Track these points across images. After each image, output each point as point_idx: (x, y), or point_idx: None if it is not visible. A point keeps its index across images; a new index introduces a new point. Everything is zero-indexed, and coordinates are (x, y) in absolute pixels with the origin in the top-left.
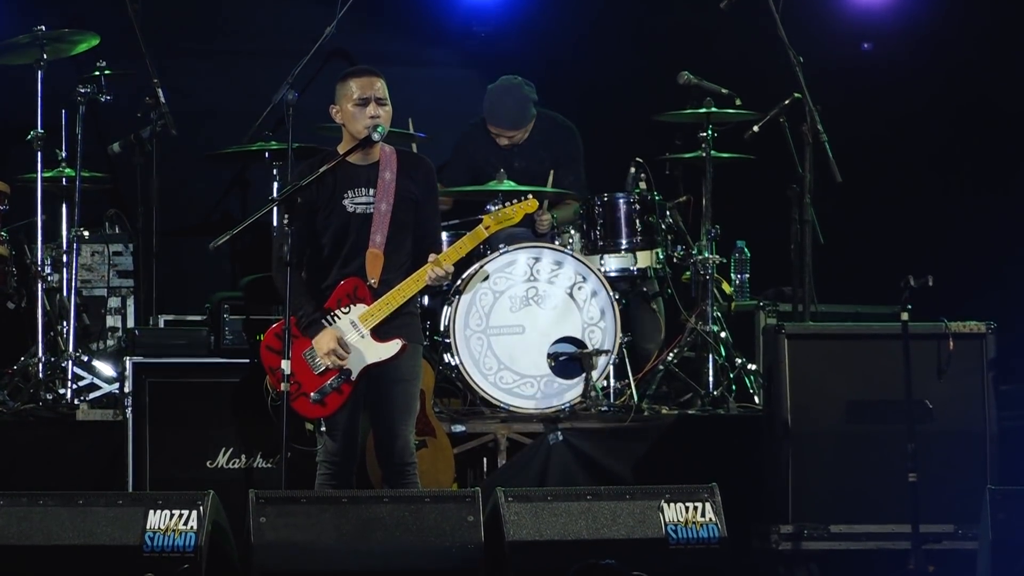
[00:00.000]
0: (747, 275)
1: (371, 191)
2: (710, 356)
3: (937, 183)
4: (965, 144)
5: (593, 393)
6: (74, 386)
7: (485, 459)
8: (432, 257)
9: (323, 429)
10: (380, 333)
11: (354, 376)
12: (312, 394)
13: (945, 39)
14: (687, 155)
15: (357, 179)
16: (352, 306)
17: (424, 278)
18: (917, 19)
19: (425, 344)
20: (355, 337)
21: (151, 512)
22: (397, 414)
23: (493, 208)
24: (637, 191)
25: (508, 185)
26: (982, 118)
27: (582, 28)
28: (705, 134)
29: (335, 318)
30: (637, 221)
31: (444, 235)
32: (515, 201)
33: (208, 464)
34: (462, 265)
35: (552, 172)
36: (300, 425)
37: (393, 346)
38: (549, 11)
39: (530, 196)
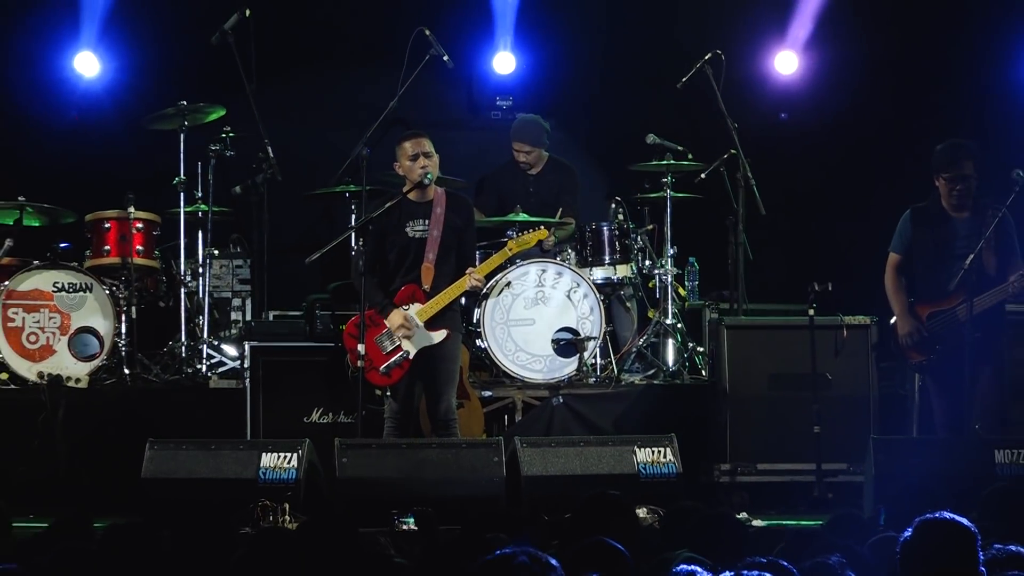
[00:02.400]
0: (696, 282)
1: (426, 221)
2: (670, 341)
3: (834, 213)
4: (854, 184)
5: (585, 368)
6: (207, 363)
7: (506, 416)
8: (470, 270)
9: (388, 394)
10: (431, 324)
11: (411, 356)
12: (380, 368)
13: (840, 107)
14: (653, 195)
15: (416, 212)
16: (410, 305)
17: (464, 285)
18: (820, 95)
19: (463, 332)
20: (413, 326)
21: (263, 454)
22: (442, 384)
23: (515, 235)
24: (617, 221)
25: (522, 217)
26: (866, 165)
27: (578, 103)
28: (666, 180)
29: (400, 311)
30: (616, 243)
31: (477, 253)
32: (531, 230)
33: (305, 419)
34: (489, 276)
35: (558, 202)
36: (372, 391)
37: (440, 334)
38: (552, 91)
39: (542, 227)
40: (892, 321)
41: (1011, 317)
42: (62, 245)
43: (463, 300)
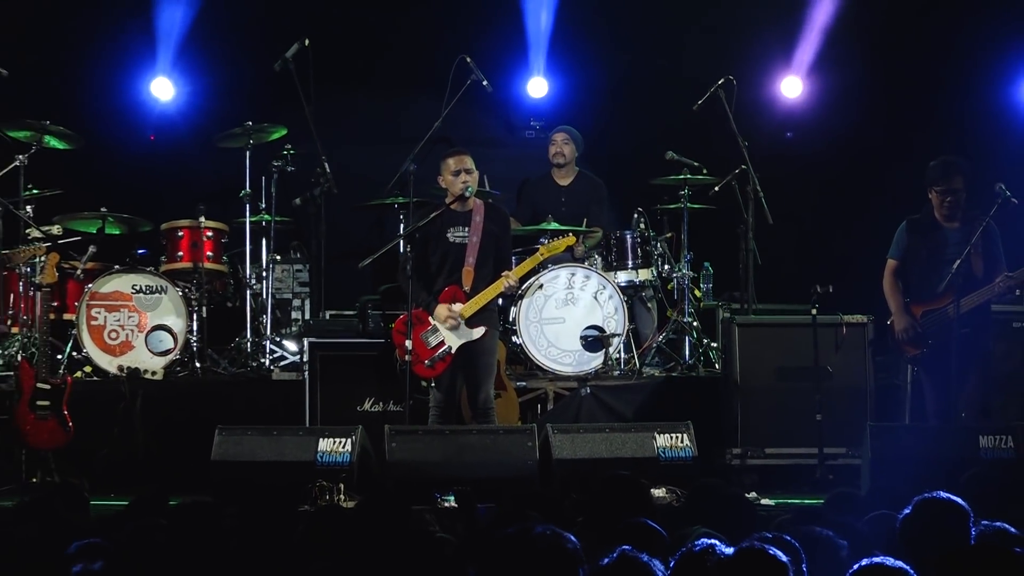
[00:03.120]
0: (710, 284)
1: (466, 228)
2: (687, 338)
3: (835, 222)
4: (853, 196)
5: (610, 362)
6: (270, 357)
7: (539, 405)
8: (505, 273)
9: (433, 385)
10: (471, 322)
11: (453, 351)
12: (425, 362)
13: (840, 127)
14: (671, 206)
15: (457, 220)
16: (453, 304)
17: (501, 287)
18: (822, 117)
19: (500, 329)
20: (455, 324)
21: (321, 439)
22: (481, 376)
23: (546, 241)
24: (639, 229)
25: (553, 225)
26: (863, 179)
27: (604, 123)
28: (683, 192)
29: (443, 309)
30: (638, 249)
31: (513, 258)
32: (560, 237)
33: (358, 408)
34: (523, 279)
35: (587, 213)
36: (418, 383)
37: (479, 331)
38: (581, 113)
39: (570, 234)
40: (889, 319)
41: (996, 316)
42: (140, 251)
43: (500, 300)
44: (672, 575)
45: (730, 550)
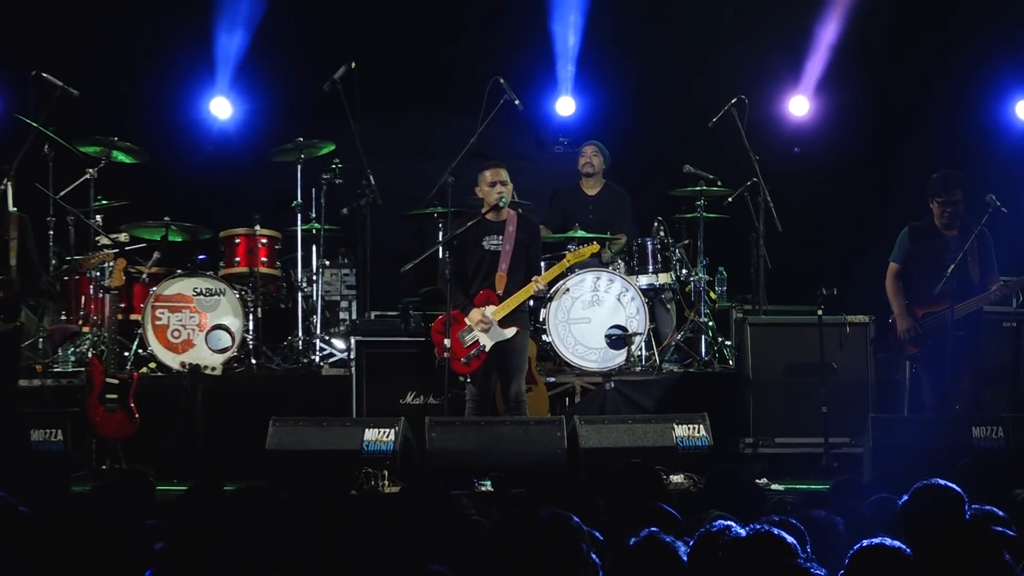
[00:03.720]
0: (725, 288)
1: (500, 238)
2: (703, 336)
3: (839, 229)
4: (856, 206)
5: (632, 359)
6: (320, 354)
7: (567, 398)
8: (535, 278)
9: (469, 381)
10: (503, 323)
11: (487, 349)
12: (462, 360)
13: (844, 143)
14: (689, 215)
15: (491, 229)
16: (487, 306)
17: (531, 290)
18: (827, 133)
19: (531, 329)
20: (487, 326)
21: (366, 430)
22: (513, 372)
23: (573, 248)
24: (659, 237)
25: (580, 233)
26: (865, 190)
27: (627, 139)
28: (699, 203)
29: (478, 311)
30: (658, 255)
31: (543, 263)
32: (585, 245)
33: (400, 401)
34: (551, 283)
35: (613, 221)
36: (456, 378)
37: (511, 331)
38: (606, 129)
39: (594, 242)
40: (891, 319)
41: (987, 317)
42: (200, 257)
43: (531, 303)
44: (691, 552)
45: (743, 531)
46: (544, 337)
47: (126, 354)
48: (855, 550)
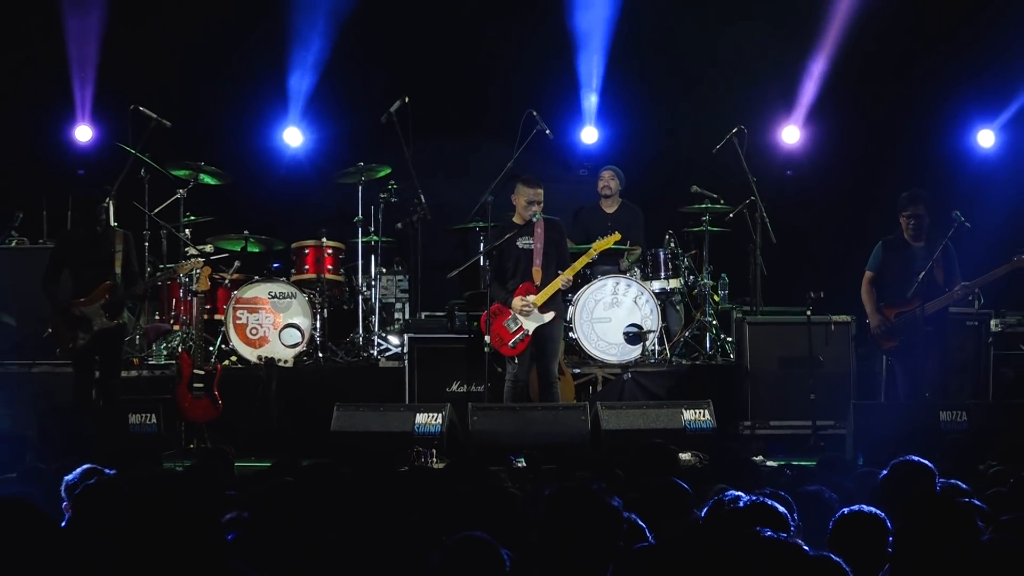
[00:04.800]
0: (726, 291)
1: (531, 238)
2: (708, 334)
3: (825, 241)
4: (840, 221)
5: (646, 353)
6: (377, 349)
7: (590, 387)
8: (561, 272)
9: (516, 361)
10: (543, 308)
11: (530, 333)
12: (508, 343)
13: (829, 167)
14: (695, 229)
15: (524, 232)
16: (527, 296)
17: (560, 283)
18: (815, 158)
19: (565, 317)
20: (531, 309)
21: (417, 414)
22: (549, 356)
23: (600, 239)
24: (669, 247)
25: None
26: (848, 207)
27: (643, 162)
28: (705, 218)
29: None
30: (669, 263)
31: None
32: (607, 236)
33: (447, 389)
34: (577, 275)
35: (629, 236)
36: (493, 367)
37: (550, 315)
38: (625, 154)
39: (616, 233)
40: (867, 319)
41: (953, 315)
42: (275, 265)
43: (568, 293)
44: (706, 516)
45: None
46: (571, 334)
47: (211, 349)
48: (838, 516)
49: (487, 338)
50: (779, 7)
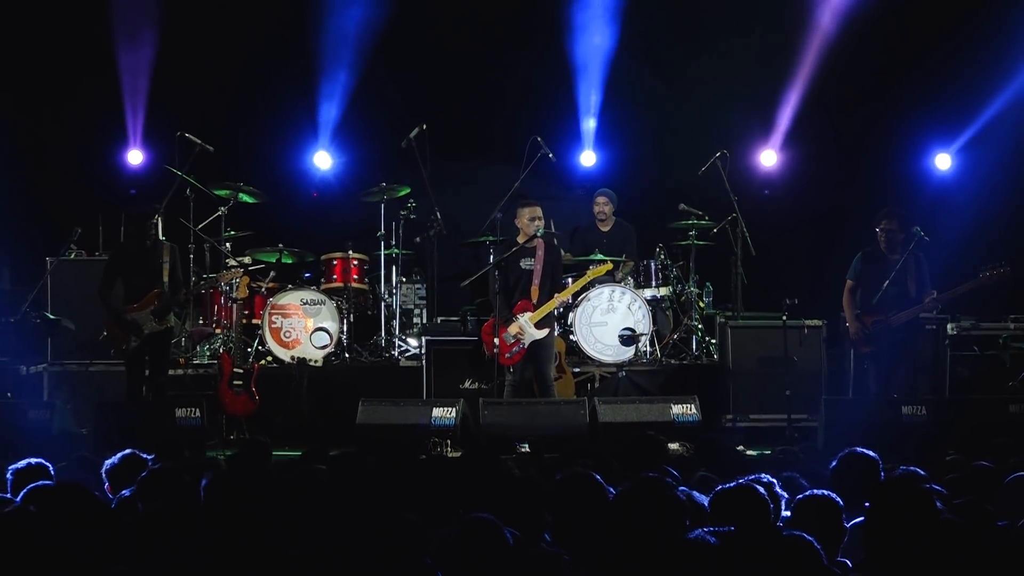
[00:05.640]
0: (711, 299)
1: (533, 260)
2: (694, 336)
3: (800, 253)
4: (813, 235)
5: (639, 353)
6: (398, 350)
7: (589, 384)
8: (557, 295)
9: (512, 370)
10: (537, 325)
11: (525, 345)
12: (507, 355)
13: (804, 186)
14: (683, 242)
15: (527, 254)
16: (524, 313)
17: (556, 302)
18: (790, 179)
19: (558, 331)
20: (528, 326)
21: (434, 408)
22: (544, 363)
23: (593, 267)
24: (660, 259)
25: (598, 256)
26: (821, 223)
27: (636, 183)
28: (691, 233)
29: (517, 318)
30: (659, 273)
31: (570, 279)
32: (599, 266)
33: (460, 386)
34: (576, 294)
35: (622, 251)
36: (502, 369)
37: (543, 332)
38: (620, 175)
39: (608, 262)
40: (846, 325)
41: (922, 322)
42: (306, 275)
43: (561, 309)
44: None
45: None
46: (571, 337)
47: (249, 350)
48: (797, 500)
49: (494, 347)
50: (758, 44)
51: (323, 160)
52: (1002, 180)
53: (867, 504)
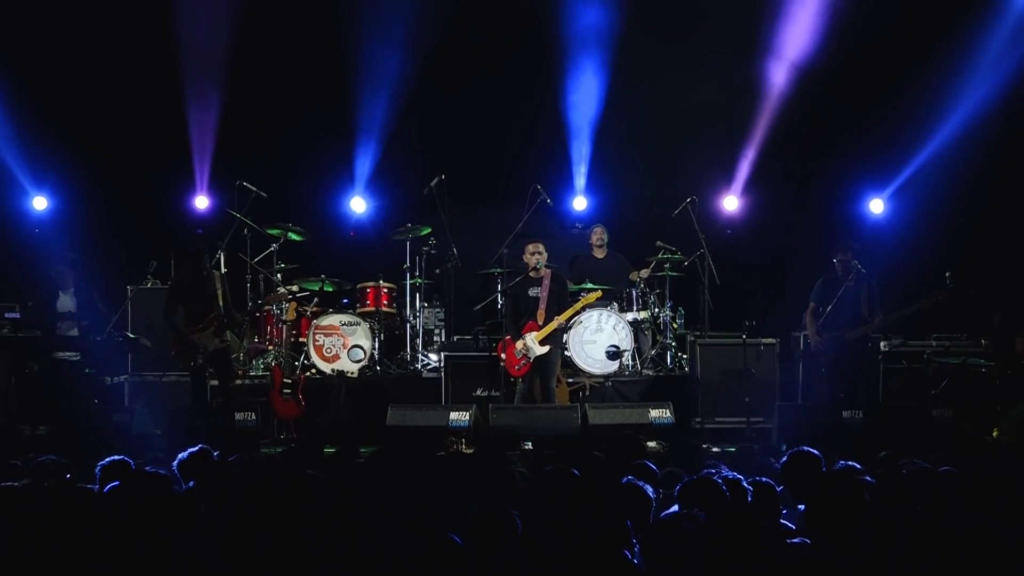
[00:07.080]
0: (683, 321)
1: (539, 288)
2: (668, 352)
3: (759, 284)
4: (767, 269)
5: (622, 367)
6: (421, 364)
7: (580, 392)
8: (556, 318)
9: (521, 380)
10: (542, 343)
11: (531, 359)
12: (516, 367)
13: (761, 227)
14: (659, 273)
15: (534, 283)
16: (530, 333)
17: (554, 324)
18: (750, 220)
19: (560, 348)
20: (532, 343)
21: (451, 412)
22: (547, 375)
23: (583, 295)
24: (640, 287)
25: (590, 285)
26: (778, 259)
27: (621, 222)
28: (667, 265)
29: (525, 336)
30: (640, 299)
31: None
32: (589, 294)
33: (473, 394)
34: (570, 318)
35: (614, 279)
36: (509, 379)
37: (546, 348)
38: (607, 215)
39: (599, 291)
40: (808, 340)
41: (870, 339)
42: (344, 300)
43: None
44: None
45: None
46: (566, 353)
47: (296, 363)
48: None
49: (503, 361)
50: (722, 105)
51: (358, 204)
52: (926, 221)
53: (811, 493)
